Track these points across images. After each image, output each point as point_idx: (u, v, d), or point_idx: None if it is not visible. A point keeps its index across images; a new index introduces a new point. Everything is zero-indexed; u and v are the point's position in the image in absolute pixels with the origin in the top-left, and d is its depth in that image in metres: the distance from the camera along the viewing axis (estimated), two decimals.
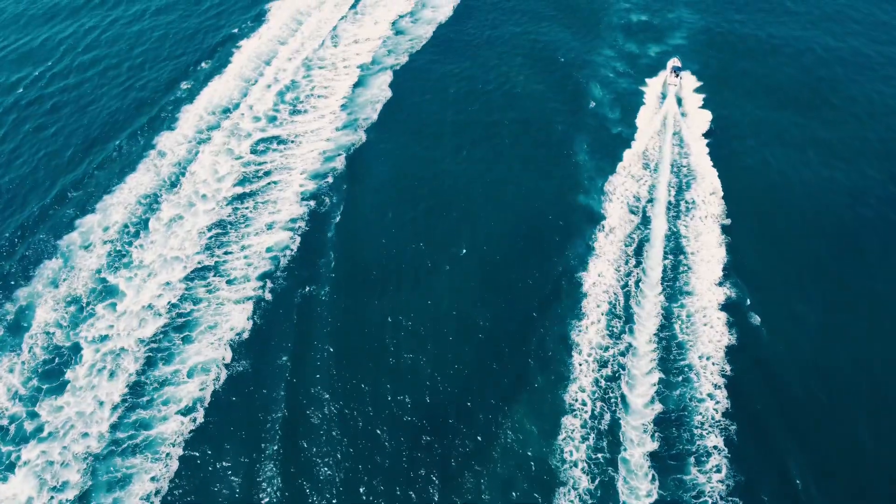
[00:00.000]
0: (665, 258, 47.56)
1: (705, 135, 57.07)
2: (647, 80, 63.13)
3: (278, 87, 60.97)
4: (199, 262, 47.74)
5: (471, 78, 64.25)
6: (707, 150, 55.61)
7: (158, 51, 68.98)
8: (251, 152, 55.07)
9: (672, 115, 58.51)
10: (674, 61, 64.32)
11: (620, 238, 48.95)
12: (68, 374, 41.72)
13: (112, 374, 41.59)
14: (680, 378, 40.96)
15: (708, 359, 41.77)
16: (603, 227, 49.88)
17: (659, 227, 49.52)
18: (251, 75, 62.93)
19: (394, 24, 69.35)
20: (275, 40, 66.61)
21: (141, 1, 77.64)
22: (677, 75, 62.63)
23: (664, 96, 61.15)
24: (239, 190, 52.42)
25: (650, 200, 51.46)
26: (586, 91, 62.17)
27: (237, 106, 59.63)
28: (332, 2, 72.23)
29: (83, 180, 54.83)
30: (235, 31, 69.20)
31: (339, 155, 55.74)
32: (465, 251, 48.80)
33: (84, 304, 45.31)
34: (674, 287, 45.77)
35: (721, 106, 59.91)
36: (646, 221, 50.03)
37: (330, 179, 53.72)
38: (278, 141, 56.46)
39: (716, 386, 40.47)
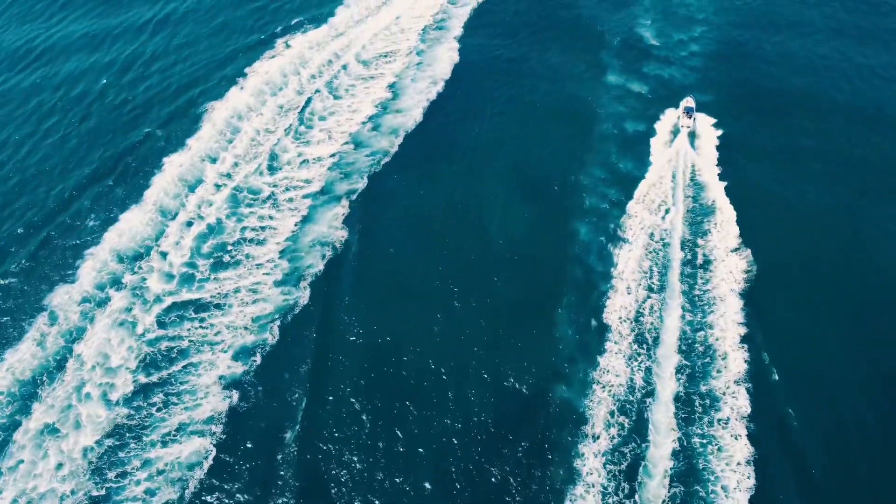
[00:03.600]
0: (673, 485, 38.15)
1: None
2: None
3: (201, 227, 49.94)
4: (84, 495, 37.10)
5: (446, 207, 53.53)
6: (734, 316, 44.99)
7: (65, 163, 58.25)
8: (159, 325, 44.30)
9: (677, 258, 49.03)
10: (687, 101, 59.09)
11: (607, 448, 39.31)
12: None
13: None
14: None
15: None
16: (585, 433, 40.15)
17: (661, 442, 40.03)
18: (170, 205, 51.98)
19: (352, 134, 58.15)
20: (204, 155, 55.76)
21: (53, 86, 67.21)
22: (690, 116, 57.17)
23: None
24: (142, 378, 41.87)
25: (649, 393, 41.97)
26: (574, 228, 52.18)
27: (149, 251, 48.88)
28: (276, 102, 61.03)
29: None
30: (162, 143, 58.32)
31: (275, 321, 45.39)
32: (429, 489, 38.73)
33: None
34: None
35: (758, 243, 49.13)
36: (643, 429, 40.37)
37: (258, 359, 43.46)
38: (196, 307, 45.69)
39: None
